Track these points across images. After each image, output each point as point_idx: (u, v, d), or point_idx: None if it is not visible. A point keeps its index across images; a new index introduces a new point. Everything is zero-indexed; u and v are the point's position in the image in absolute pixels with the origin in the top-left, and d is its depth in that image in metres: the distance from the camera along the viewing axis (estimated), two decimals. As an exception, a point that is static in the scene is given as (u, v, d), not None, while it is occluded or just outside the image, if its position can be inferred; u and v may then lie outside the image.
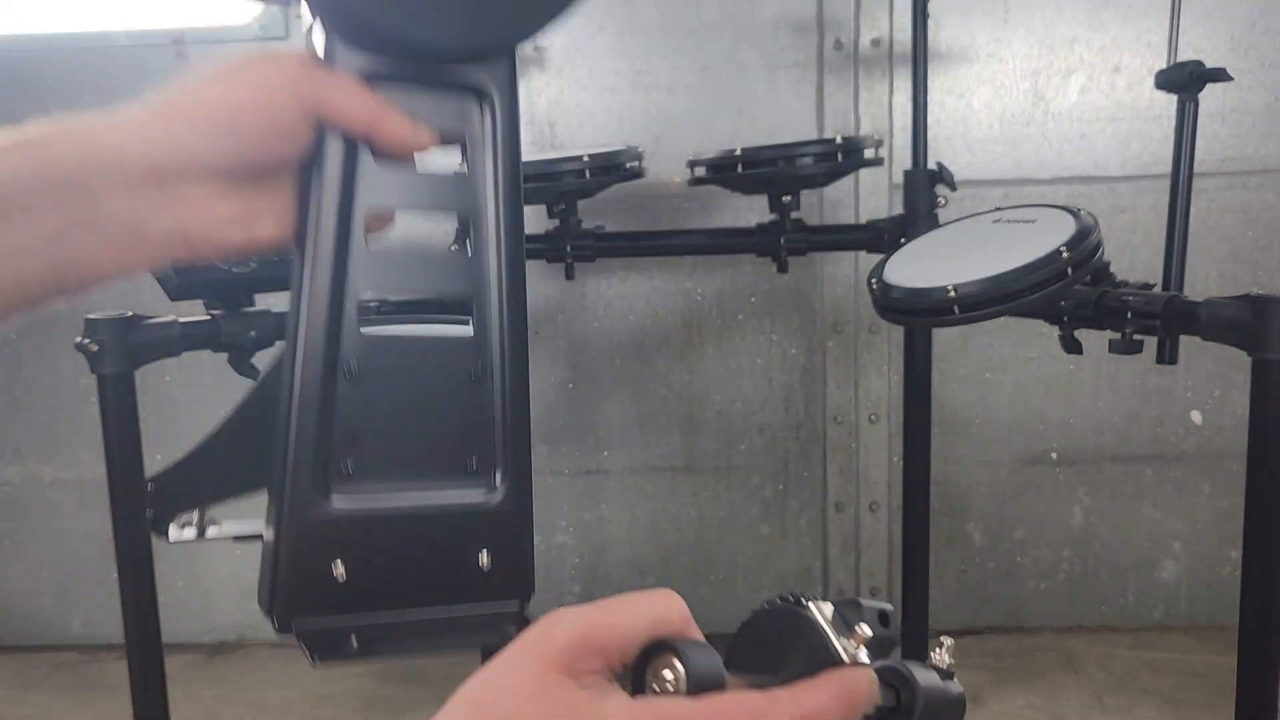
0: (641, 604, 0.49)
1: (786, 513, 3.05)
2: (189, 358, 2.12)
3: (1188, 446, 2.96)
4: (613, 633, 0.48)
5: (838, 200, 2.87)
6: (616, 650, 0.48)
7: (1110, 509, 3.00)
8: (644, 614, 0.49)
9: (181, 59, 2.91)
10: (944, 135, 2.83)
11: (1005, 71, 2.83)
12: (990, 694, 2.70)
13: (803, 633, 0.50)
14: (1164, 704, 2.61)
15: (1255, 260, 2.86)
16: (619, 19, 2.85)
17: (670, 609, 0.50)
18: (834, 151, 2.22)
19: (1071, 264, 1.74)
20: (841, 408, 2.98)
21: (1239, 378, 2.86)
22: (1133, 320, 1.83)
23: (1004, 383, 2.96)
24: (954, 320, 1.82)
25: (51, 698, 2.87)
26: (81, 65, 2.92)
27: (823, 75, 2.83)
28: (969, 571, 3.05)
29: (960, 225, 2.13)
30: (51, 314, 2.54)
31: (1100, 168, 2.85)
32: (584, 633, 0.47)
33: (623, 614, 0.48)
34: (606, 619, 0.48)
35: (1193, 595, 3.02)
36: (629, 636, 0.48)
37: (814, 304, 2.95)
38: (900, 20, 2.77)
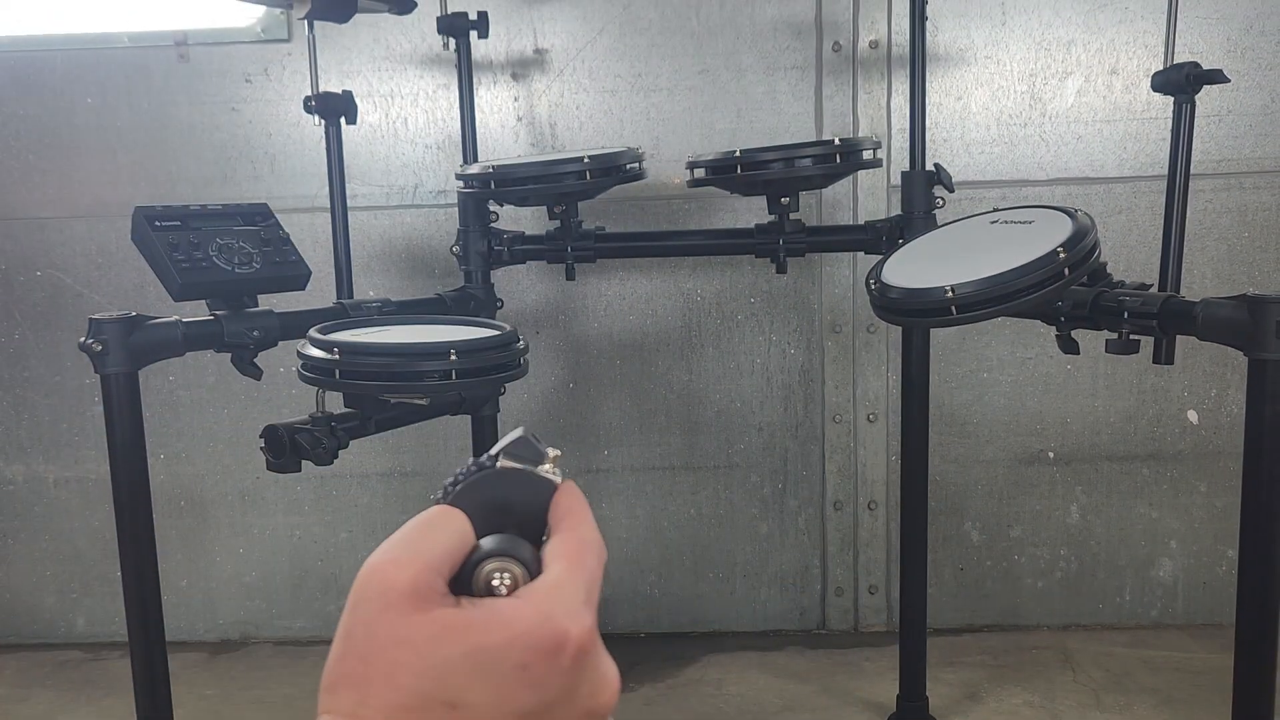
0: (440, 525, 0.51)
1: (785, 511, 3.06)
2: (192, 358, 2.13)
3: (1184, 446, 2.97)
4: (445, 559, 0.50)
5: (836, 201, 2.89)
6: (446, 571, 0.50)
7: (1107, 508, 3.01)
8: (453, 532, 0.51)
9: (183, 60, 2.92)
10: (942, 137, 2.85)
11: (1003, 73, 2.84)
12: (987, 692, 2.71)
13: (522, 482, 0.54)
14: (1161, 702, 2.63)
15: (1251, 261, 2.88)
16: (619, 22, 2.86)
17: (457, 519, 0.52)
18: (832, 153, 2.22)
19: (1068, 265, 1.75)
20: (840, 407, 3.00)
21: (1235, 377, 2.88)
22: (1129, 320, 1.83)
23: (1001, 382, 2.97)
24: (951, 320, 1.82)
25: (55, 696, 2.88)
26: (83, 66, 2.93)
27: (821, 77, 2.85)
28: (966, 570, 3.07)
29: (958, 226, 2.13)
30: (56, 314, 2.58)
31: (1097, 169, 2.86)
32: (423, 569, 0.49)
33: (439, 539, 0.51)
34: (431, 549, 0.50)
35: (1189, 594, 3.03)
36: (453, 556, 0.51)
37: (813, 304, 2.96)
38: (898, 23, 2.78)
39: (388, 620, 0.48)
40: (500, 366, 1.91)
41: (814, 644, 3.03)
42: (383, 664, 0.47)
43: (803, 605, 3.11)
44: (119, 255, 2.96)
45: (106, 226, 2.96)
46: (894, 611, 2.99)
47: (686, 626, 3.11)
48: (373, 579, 0.49)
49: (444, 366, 1.84)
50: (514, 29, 2.87)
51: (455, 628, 0.48)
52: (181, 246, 2.07)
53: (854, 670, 2.86)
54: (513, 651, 0.48)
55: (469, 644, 0.47)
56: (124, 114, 2.95)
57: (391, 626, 0.47)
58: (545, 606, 0.49)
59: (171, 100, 2.94)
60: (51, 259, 3.01)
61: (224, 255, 2.12)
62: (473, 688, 0.47)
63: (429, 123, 2.93)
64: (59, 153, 2.97)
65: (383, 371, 1.85)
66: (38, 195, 2.99)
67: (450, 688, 0.47)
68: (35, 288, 3.03)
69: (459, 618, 0.48)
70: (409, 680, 0.47)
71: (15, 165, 2.98)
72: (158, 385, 2.96)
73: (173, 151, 2.96)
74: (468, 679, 0.47)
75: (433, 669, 0.47)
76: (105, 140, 2.96)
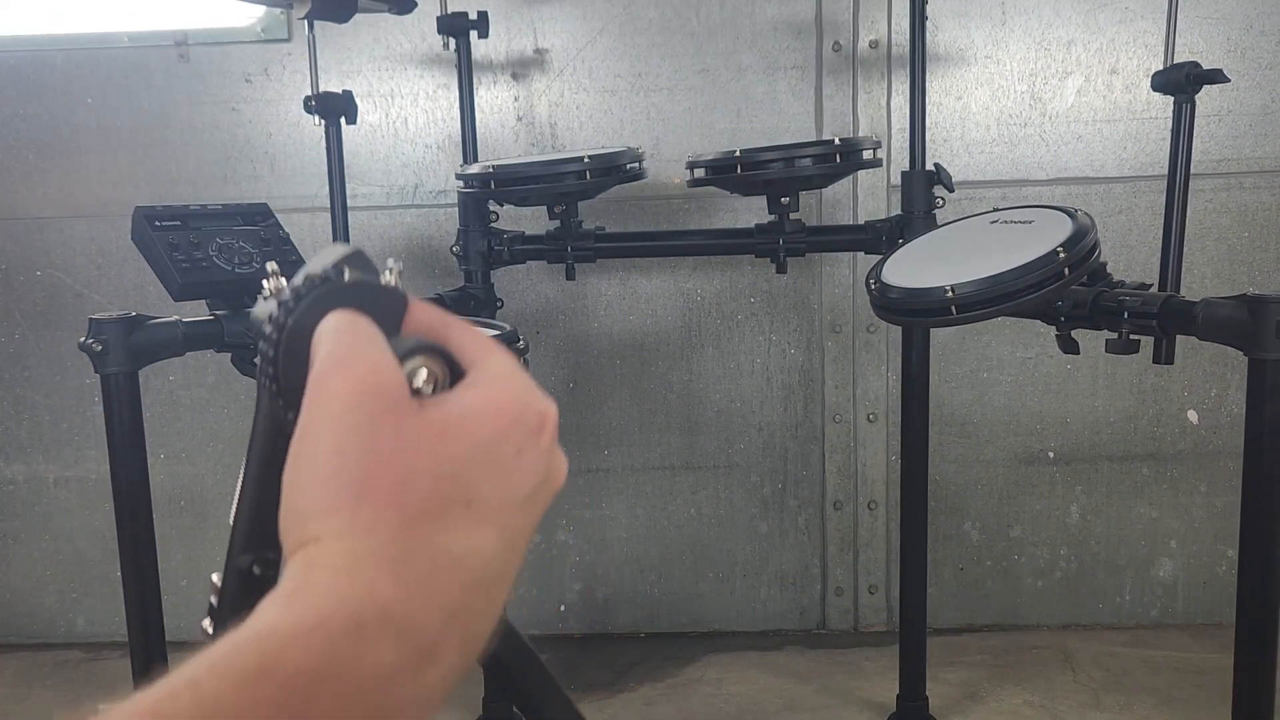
0: (366, 330, 0.49)
1: (785, 511, 3.06)
2: (192, 357, 2.12)
3: (1184, 446, 2.97)
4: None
5: (836, 201, 2.89)
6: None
7: (1107, 508, 3.01)
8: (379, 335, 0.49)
9: (183, 60, 2.92)
10: (942, 137, 2.85)
11: (1003, 73, 2.84)
12: (987, 691, 2.71)
13: (373, 296, 0.51)
14: (1160, 702, 2.63)
15: (1251, 260, 2.88)
16: (619, 21, 2.86)
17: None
18: (833, 153, 2.22)
19: (1068, 264, 1.75)
20: (840, 407, 3.00)
21: (1235, 377, 2.88)
22: (1129, 320, 1.83)
23: (1001, 382, 2.97)
24: (951, 320, 1.82)
25: (55, 696, 2.88)
26: (83, 66, 2.93)
27: (821, 77, 2.85)
28: (966, 569, 3.07)
29: (958, 226, 2.13)
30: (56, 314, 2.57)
31: (1097, 169, 2.86)
32: (398, 370, 0.47)
33: (380, 342, 0.48)
34: (384, 351, 0.47)
35: (1189, 593, 3.03)
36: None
37: (813, 304, 2.96)
38: (898, 22, 2.78)
39: (391, 425, 0.44)
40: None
41: (814, 644, 3.03)
42: (394, 472, 0.44)
43: (803, 605, 3.11)
44: (119, 255, 2.96)
45: (106, 226, 2.96)
46: (894, 611, 2.99)
47: (686, 626, 3.11)
48: (359, 385, 0.45)
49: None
50: (514, 29, 2.87)
51: (456, 423, 0.46)
52: (181, 246, 2.07)
53: (854, 670, 2.86)
54: (510, 437, 0.47)
55: (474, 437, 0.46)
56: (124, 114, 2.95)
57: (397, 431, 0.44)
58: (515, 391, 0.48)
59: (171, 100, 2.94)
60: (52, 259, 3.01)
61: (224, 255, 2.12)
62: (484, 480, 0.46)
63: (429, 122, 2.93)
64: (59, 152, 2.97)
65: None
66: (38, 195, 2.99)
67: (464, 484, 0.45)
68: (35, 287, 3.03)
69: (455, 412, 0.46)
70: (427, 484, 0.44)
71: (15, 165, 2.98)
72: (158, 385, 2.95)
73: (173, 151, 2.96)
74: (479, 472, 0.45)
75: (448, 468, 0.45)
76: (105, 140, 2.96)
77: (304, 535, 0.44)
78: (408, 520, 0.43)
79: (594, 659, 2.97)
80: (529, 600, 3.07)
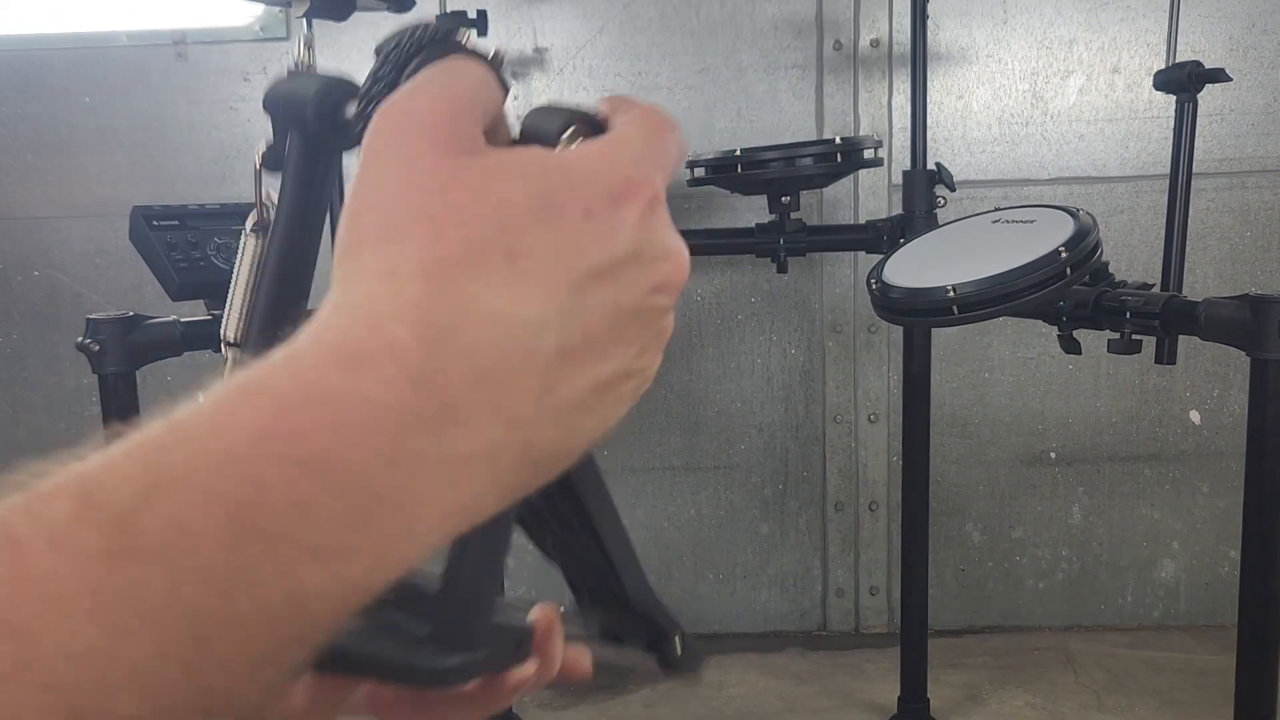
0: (465, 70, 0.43)
1: (786, 512, 3.05)
2: (190, 358, 2.12)
3: (1186, 446, 2.96)
4: (478, 106, 0.42)
5: (837, 201, 2.88)
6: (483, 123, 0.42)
7: (1109, 508, 3.00)
8: (481, 81, 0.43)
9: (182, 60, 2.91)
10: (943, 136, 2.84)
11: (1004, 72, 2.83)
12: (989, 693, 2.70)
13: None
14: (1163, 703, 2.62)
15: (1253, 260, 2.87)
16: (619, 20, 2.85)
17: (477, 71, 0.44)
18: (833, 152, 2.21)
19: (1070, 264, 1.74)
20: (841, 407, 2.99)
21: (1237, 377, 2.87)
22: (1131, 320, 1.83)
23: (1003, 382, 2.96)
24: (953, 320, 1.81)
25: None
26: (81, 65, 2.92)
27: (822, 76, 2.84)
28: (968, 571, 3.05)
29: (959, 225, 2.12)
30: (54, 314, 2.56)
31: (1099, 168, 2.85)
32: (464, 106, 0.41)
33: (468, 82, 0.43)
34: (463, 91, 0.42)
35: (1191, 595, 3.02)
36: (488, 107, 0.43)
37: (813, 304, 2.95)
38: (899, 21, 2.77)
39: (431, 158, 0.39)
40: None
41: (814, 645, 3.02)
42: (427, 209, 0.38)
43: (803, 606, 3.10)
44: (117, 255, 2.95)
45: (104, 226, 2.95)
46: (895, 613, 2.98)
47: (687, 628, 3.08)
48: (403, 117, 0.40)
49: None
50: (513, 27, 2.86)
51: (512, 165, 0.39)
52: (179, 246, 2.07)
53: (855, 672, 2.85)
54: (577, 195, 0.40)
55: (531, 185, 0.39)
56: (122, 113, 2.94)
57: (437, 165, 0.39)
58: (610, 154, 0.41)
59: (170, 99, 2.93)
60: (49, 259, 3.00)
61: (222, 255, 2.12)
62: (535, 234, 0.39)
63: (428, 122, 2.91)
64: (57, 152, 2.96)
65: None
66: (36, 195, 2.98)
67: (510, 234, 0.38)
68: (33, 287, 3.02)
69: (518, 158, 0.40)
70: (461, 228, 0.38)
71: (13, 165, 2.97)
72: (155, 386, 2.94)
73: (171, 151, 2.95)
74: (530, 224, 0.39)
75: (491, 211, 0.38)
76: (103, 139, 2.95)
77: (333, 277, 0.39)
78: (434, 263, 0.37)
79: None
80: (528, 601, 3.05)
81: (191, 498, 0.31)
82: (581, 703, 2.74)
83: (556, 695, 2.78)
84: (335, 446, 0.33)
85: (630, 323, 0.40)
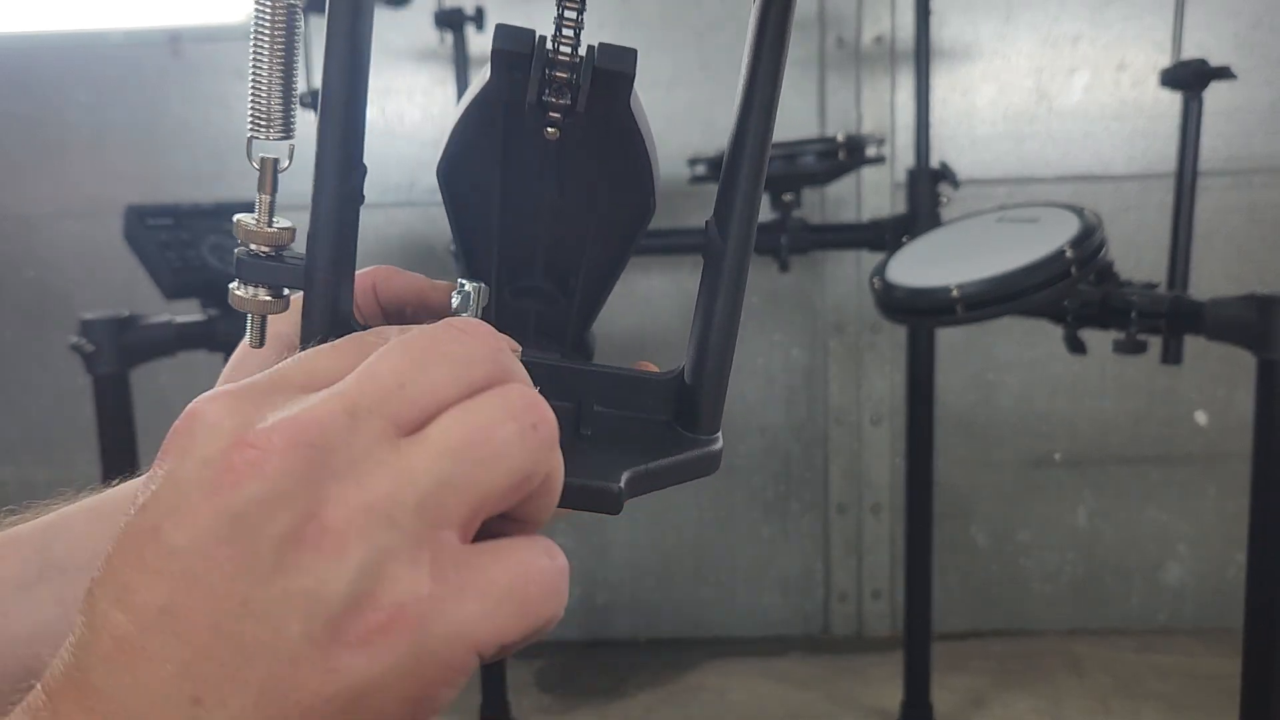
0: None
1: (788, 514, 3.03)
2: (184, 358, 2.11)
3: (1193, 448, 2.94)
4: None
5: (840, 199, 2.85)
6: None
7: (1115, 511, 2.98)
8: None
9: (177, 57, 2.89)
10: (947, 133, 2.81)
11: (1009, 69, 2.81)
12: (994, 697, 2.68)
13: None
14: (1169, 708, 2.59)
15: (1260, 259, 2.84)
16: (619, 16, 2.83)
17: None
18: (836, 150, 2.21)
19: (1076, 263, 1.73)
20: (844, 409, 2.96)
21: (1244, 378, 2.84)
22: (1137, 320, 1.82)
23: (1008, 383, 2.94)
24: (957, 320, 1.81)
25: (48, 700, 2.85)
26: (76, 63, 2.91)
27: (825, 73, 2.81)
28: (972, 574, 3.03)
29: (963, 224, 2.12)
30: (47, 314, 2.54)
31: (1105, 166, 2.83)
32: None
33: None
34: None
35: (1198, 598, 2.99)
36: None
37: (816, 304, 2.93)
38: (903, 17, 2.75)
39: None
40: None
41: (817, 650, 3.00)
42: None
43: (806, 610, 3.07)
44: (110, 254, 2.92)
45: (98, 225, 2.93)
46: (898, 617, 2.95)
47: (688, 632, 3.07)
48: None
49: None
50: (511, 23, 2.83)
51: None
52: (174, 245, 2.06)
53: (858, 676, 2.82)
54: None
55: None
56: (117, 111, 2.92)
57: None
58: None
59: (164, 97, 2.91)
60: (43, 258, 2.98)
61: (217, 253, 2.10)
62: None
63: (425, 119, 2.89)
64: (51, 150, 2.95)
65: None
66: (29, 193, 2.97)
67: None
68: (26, 287, 3.00)
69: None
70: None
71: (6, 163, 2.96)
72: (149, 386, 2.92)
73: (165, 149, 2.93)
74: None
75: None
76: (98, 137, 2.93)
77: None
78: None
79: (593, 665, 2.94)
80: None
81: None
82: (580, 708, 2.72)
83: (556, 699, 2.76)
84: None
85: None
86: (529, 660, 2.92)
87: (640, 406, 0.51)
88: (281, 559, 0.31)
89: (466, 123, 0.50)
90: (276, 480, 0.31)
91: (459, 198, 0.53)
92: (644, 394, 0.52)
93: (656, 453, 0.50)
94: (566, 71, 0.47)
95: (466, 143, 0.51)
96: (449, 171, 0.52)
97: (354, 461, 0.32)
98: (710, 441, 0.52)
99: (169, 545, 0.31)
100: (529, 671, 2.87)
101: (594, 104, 0.48)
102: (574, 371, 0.50)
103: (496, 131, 0.50)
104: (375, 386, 0.34)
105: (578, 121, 0.48)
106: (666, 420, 0.52)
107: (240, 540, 0.31)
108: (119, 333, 1.94)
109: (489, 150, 0.51)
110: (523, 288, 0.55)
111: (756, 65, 0.49)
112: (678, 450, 0.51)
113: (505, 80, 0.48)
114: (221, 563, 0.31)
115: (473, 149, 0.51)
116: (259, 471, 0.31)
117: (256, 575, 0.31)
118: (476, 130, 0.50)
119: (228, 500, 0.31)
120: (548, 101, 0.47)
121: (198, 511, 0.31)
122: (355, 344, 0.37)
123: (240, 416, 0.33)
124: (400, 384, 0.34)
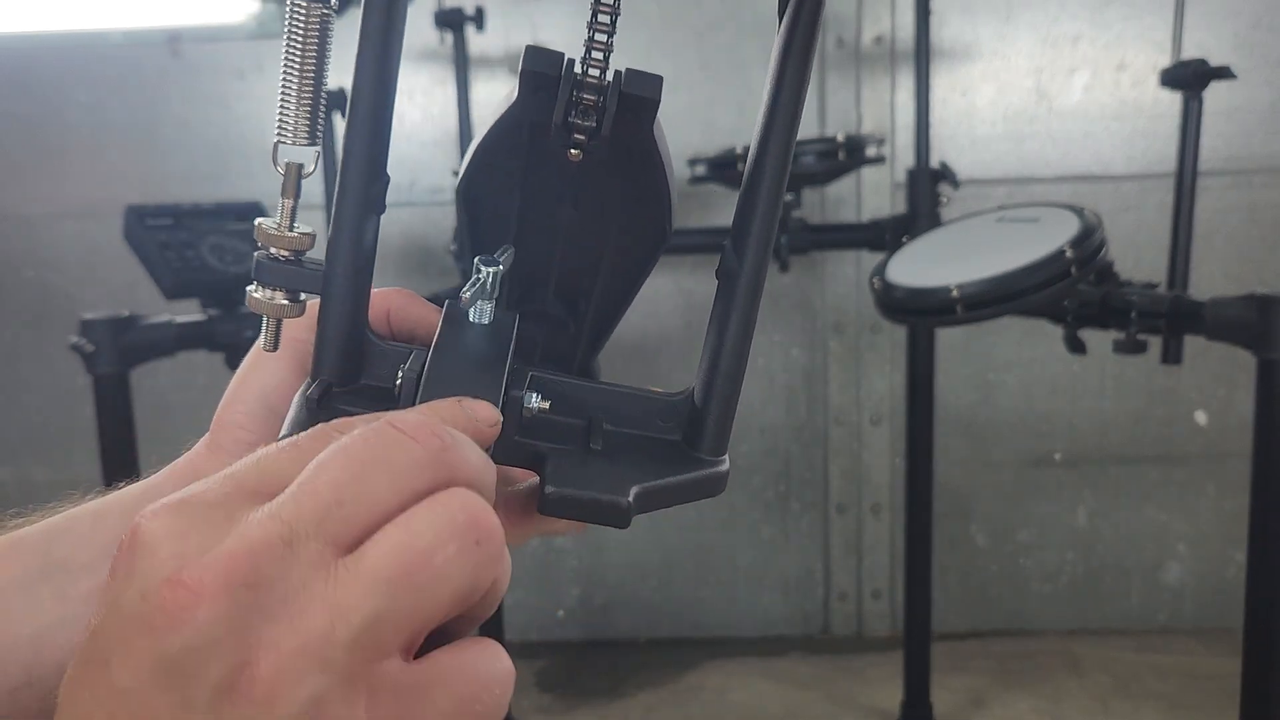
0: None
1: (788, 515, 3.03)
2: (184, 358, 2.11)
3: (1193, 448, 2.94)
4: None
5: (840, 198, 2.85)
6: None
7: (1114, 511, 2.98)
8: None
9: (176, 57, 2.89)
10: (947, 133, 2.81)
11: (1009, 69, 2.81)
12: (993, 697, 2.67)
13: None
14: (1168, 708, 2.59)
15: (1260, 259, 2.84)
16: (619, 17, 2.82)
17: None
18: (836, 149, 2.21)
19: (1075, 263, 1.73)
20: (843, 409, 2.96)
21: (1244, 378, 2.84)
22: (1137, 320, 1.82)
23: (1008, 383, 2.94)
24: (957, 320, 1.81)
25: (47, 700, 2.85)
26: (76, 63, 2.90)
27: (824, 73, 2.81)
28: (972, 574, 3.03)
29: (963, 224, 2.12)
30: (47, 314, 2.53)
31: (1105, 166, 2.83)
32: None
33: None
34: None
35: (1198, 598, 2.99)
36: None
37: (815, 304, 2.93)
38: (902, 18, 2.75)
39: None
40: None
41: (817, 650, 2.99)
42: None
43: (806, 610, 3.07)
44: (110, 254, 2.92)
45: (98, 225, 2.93)
46: (898, 617, 2.95)
47: (688, 632, 3.07)
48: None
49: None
50: (512, 23, 2.84)
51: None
52: (173, 245, 2.05)
53: (857, 676, 2.82)
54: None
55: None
56: (116, 111, 2.92)
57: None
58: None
59: (164, 97, 2.91)
60: (42, 258, 2.98)
61: (216, 254, 2.10)
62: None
63: (425, 119, 2.89)
64: (50, 151, 2.94)
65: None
66: (29, 193, 2.96)
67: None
68: (26, 287, 3.00)
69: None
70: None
71: (6, 163, 2.95)
72: (149, 386, 2.92)
73: (165, 149, 2.93)
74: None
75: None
76: (97, 138, 2.93)
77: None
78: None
79: (593, 665, 2.94)
80: (527, 606, 3.03)
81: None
82: (580, 708, 2.72)
83: (556, 699, 2.76)
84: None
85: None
86: (529, 660, 2.92)
87: (649, 426, 0.52)
88: (218, 709, 0.32)
89: (490, 142, 0.50)
90: (207, 629, 0.32)
91: (477, 217, 0.53)
92: (653, 413, 0.53)
93: (665, 471, 0.51)
94: (593, 94, 0.48)
95: (488, 163, 0.51)
96: (468, 190, 0.52)
97: (288, 598, 0.32)
98: (718, 462, 0.54)
99: (117, 685, 0.32)
100: (529, 671, 2.87)
101: (618, 128, 0.48)
102: (584, 389, 0.50)
103: (519, 152, 0.51)
104: (313, 504, 0.34)
105: (601, 144, 0.48)
106: (675, 440, 0.53)
107: (176, 689, 0.32)
108: (119, 333, 1.94)
109: (510, 170, 0.51)
110: (532, 311, 0.56)
111: (778, 96, 0.50)
112: (686, 469, 0.52)
113: (532, 101, 0.49)
114: (162, 711, 0.32)
115: (494, 169, 0.51)
116: (190, 617, 0.32)
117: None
118: (500, 150, 0.51)
119: (162, 645, 0.32)
120: (573, 123, 0.48)
121: (139, 653, 0.32)
122: (319, 443, 0.36)
123: (179, 542, 0.33)
124: (339, 500, 0.34)
